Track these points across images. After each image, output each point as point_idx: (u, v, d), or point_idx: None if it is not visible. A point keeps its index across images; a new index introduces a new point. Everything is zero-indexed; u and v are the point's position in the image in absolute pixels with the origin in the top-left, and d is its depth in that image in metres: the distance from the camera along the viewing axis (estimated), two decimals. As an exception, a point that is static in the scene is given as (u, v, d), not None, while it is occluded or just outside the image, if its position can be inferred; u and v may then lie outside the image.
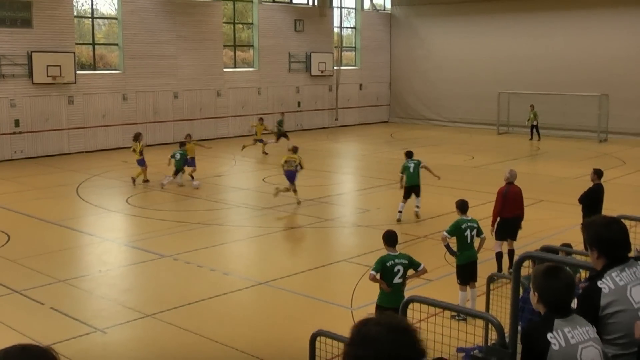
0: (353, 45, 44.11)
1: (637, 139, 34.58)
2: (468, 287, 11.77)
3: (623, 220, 5.06)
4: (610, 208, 13.93)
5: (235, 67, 37.39)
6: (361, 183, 24.73)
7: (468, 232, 11.76)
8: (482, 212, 15.96)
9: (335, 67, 40.80)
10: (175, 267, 14.53)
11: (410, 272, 10.02)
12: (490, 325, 7.81)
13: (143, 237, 17.01)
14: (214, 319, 11.62)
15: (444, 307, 6.97)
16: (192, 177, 23.11)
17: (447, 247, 11.92)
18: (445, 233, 11.87)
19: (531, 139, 34.85)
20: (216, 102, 35.68)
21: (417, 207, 18.41)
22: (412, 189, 18.28)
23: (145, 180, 23.53)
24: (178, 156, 22.81)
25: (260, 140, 30.25)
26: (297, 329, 10.78)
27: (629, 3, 35.25)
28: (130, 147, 24.86)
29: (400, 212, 18.28)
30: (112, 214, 19.93)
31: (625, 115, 35.17)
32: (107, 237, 17.19)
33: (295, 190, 20.04)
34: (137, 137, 23.96)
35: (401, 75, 44.52)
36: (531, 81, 37.61)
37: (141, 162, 23.45)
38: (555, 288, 4.32)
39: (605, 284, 4.68)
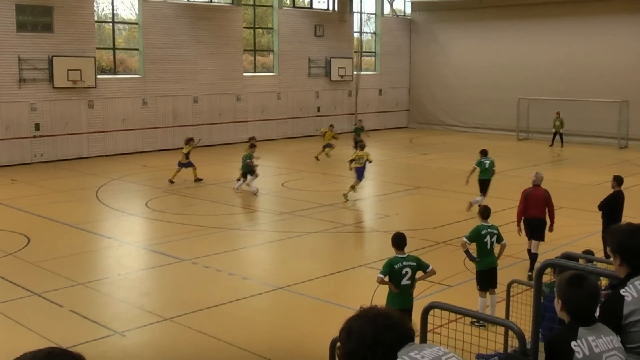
0: (373, 51, 44.09)
1: (658, 145, 34.32)
2: (488, 293, 11.70)
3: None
4: (630, 215, 13.81)
5: (255, 71, 37.42)
6: (380, 188, 24.66)
7: (488, 238, 11.69)
8: (503, 218, 15.90)
9: (355, 72, 40.79)
10: (194, 271, 14.55)
11: (419, 273, 10.02)
12: (510, 332, 7.76)
13: (162, 240, 17.06)
14: (232, 324, 11.61)
15: (464, 313, 6.94)
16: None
17: (467, 252, 11.85)
18: (464, 239, 11.81)
19: (551, 145, 34.64)
20: (236, 107, 35.74)
21: (472, 203, 19.30)
22: (485, 182, 19.71)
23: (198, 179, 24.30)
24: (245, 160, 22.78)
25: (328, 145, 30.01)
26: (316, 334, 10.75)
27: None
28: (180, 149, 25.69)
29: (472, 203, 19.19)
30: (132, 217, 20.01)
31: (646, 121, 34.92)
32: (127, 241, 17.26)
33: (353, 187, 21.21)
34: (187, 142, 24.72)
35: (420, 81, 44.43)
36: (551, 87, 37.39)
37: (187, 164, 24.17)
38: (580, 296, 4.27)
39: (628, 292, 4.61)
